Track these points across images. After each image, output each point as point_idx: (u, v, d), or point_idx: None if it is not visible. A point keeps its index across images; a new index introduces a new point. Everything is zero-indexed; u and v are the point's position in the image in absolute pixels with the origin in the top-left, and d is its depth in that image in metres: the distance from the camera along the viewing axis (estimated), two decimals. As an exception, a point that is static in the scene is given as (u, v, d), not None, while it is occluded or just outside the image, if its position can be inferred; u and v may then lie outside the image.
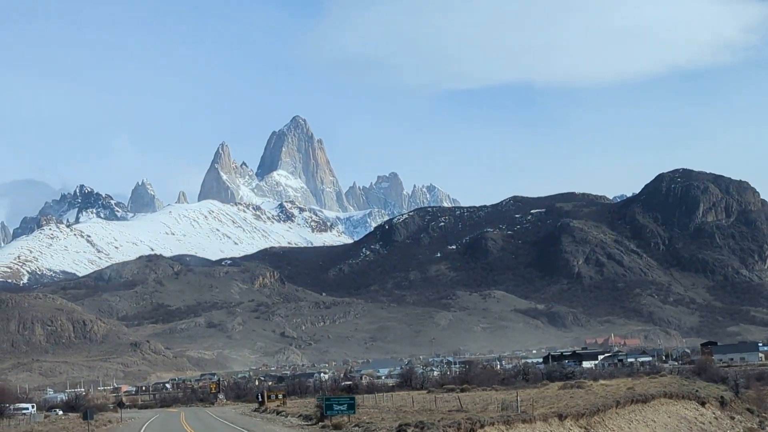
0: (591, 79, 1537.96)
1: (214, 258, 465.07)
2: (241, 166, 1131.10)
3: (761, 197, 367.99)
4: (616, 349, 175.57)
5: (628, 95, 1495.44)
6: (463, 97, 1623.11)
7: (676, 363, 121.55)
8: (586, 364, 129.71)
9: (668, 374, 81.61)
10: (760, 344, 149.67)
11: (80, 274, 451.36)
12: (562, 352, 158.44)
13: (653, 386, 57.72)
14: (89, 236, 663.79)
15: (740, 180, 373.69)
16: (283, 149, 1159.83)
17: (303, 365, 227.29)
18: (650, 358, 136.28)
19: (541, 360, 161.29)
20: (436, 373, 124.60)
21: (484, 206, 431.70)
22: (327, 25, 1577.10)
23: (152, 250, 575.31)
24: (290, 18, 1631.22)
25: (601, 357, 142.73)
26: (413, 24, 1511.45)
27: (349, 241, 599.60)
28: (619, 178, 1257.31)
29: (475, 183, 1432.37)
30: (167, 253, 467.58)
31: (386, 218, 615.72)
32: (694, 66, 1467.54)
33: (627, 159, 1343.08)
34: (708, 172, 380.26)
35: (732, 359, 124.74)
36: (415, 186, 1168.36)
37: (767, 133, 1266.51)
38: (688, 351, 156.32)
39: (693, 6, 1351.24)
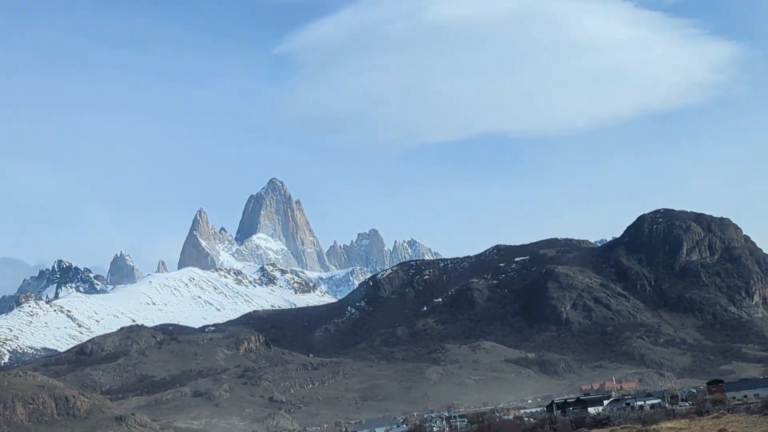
0: (565, 126, 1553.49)
1: (197, 326, 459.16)
2: (219, 231, 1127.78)
3: (744, 233, 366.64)
4: (615, 393, 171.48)
5: (603, 140, 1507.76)
6: (437, 150, 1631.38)
7: (687, 404, 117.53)
8: (591, 410, 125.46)
9: (726, 413, 77.97)
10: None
11: (62, 350, 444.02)
12: (566, 399, 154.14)
13: (745, 427, 53.72)
14: (69, 311, 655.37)
15: (722, 217, 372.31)
16: (262, 212, 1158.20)
17: (294, 429, 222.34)
18: (658, 401, 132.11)
19: (538, 409, 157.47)
20: (436, 430, 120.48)
21: (468, 257, 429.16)
22: (298, 86, 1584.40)
23: (134, 321, 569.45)
24: (261, 81, 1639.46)
25: (606, 402, 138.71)
26: (384, 81, 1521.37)
27: (333, 300, 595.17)
28: (601, 222, 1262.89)
29: (456, 235, 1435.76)
30: (149, 324, 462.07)
31: (369, 275, 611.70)
32: (666, 107, 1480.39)
33: (607, 202, 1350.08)
34: (689, 210, 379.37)
35: (746, 396, 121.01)
36: (396, 241, 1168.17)
37: (743, 170, 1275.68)
38: (694, 391, 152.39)
39: (662, 48, 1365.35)
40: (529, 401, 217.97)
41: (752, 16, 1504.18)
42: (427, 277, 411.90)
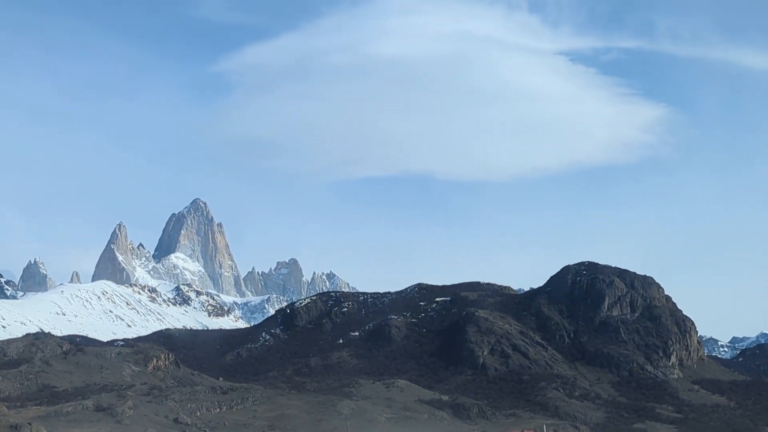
0: (493, 172, 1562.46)
1: (106, 340, 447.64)
2: (137, 247, 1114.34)
3: (665, 293, 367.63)
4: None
5: (530, 190, 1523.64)
6: (364, 185, 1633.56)
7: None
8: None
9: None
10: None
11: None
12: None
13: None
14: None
15: (645, 275, 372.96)
16: (182, 232, 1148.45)
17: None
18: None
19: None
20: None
21: (389, 293, 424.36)
22: (230, 108, 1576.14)
23: (41, 330, 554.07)
24: (193, 100, 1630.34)
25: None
26: (317, 110, 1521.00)
27: (247, 326, 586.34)
28: (524, 270, 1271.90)
29: (376, 270, 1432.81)
30: (57, 334, 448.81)
31: (285, 304, 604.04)
32: (593, 162, 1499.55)
33: (531, 251, 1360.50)
34: (613, 266, 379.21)
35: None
36: (314, 273, 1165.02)
37: (666, 231, 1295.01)
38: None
39: (593, 104, 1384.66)
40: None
41: (682, 80, 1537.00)
42: (345, 309, 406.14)
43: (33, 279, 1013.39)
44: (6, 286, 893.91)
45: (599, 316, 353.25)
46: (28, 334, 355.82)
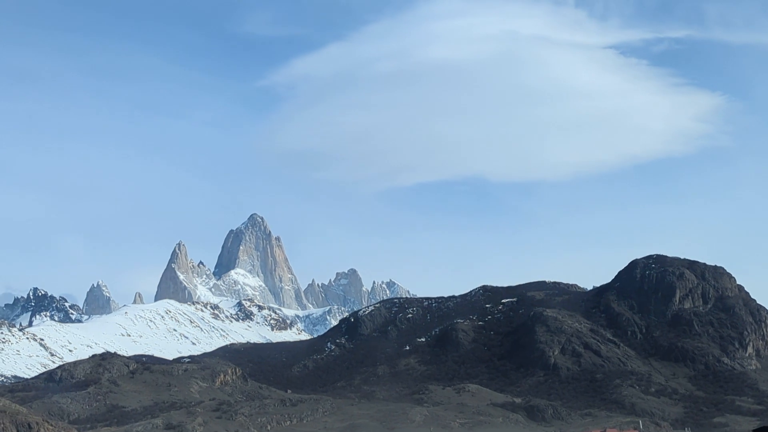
0: (548, 172, 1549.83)
1: (171, 358, 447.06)
2: (198, 265, 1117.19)
3: (737, 282, 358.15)
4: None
5: (587, 187, 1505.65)
6: (417, 190, 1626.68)
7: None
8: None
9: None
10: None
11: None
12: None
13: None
14: (42, 339, 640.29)
15: (715, 265, 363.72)
16: (241, 248, 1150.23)
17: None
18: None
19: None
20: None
21: (453, 296, 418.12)
22: (280, 121, 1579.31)
23: (107, 351, 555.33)
24: (243, 115, 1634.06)
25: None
26: (367, 119, 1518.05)
27: (310, 338, 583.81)
28: (590, 267, 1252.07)
29: (436, 276, 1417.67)
30: (123, 355, 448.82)
31: (346, 315, 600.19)
32: (650, 156, 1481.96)
33: (595, 248, 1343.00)
34: (682, 257, 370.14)
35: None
36: (374, 282, 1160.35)
37: (732, 220, 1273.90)
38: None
39: (645, 97, 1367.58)
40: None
41: (736, 67, 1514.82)
42: (410, 315, 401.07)
43: (96, 302, 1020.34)
44: (71, 310, 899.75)
45: (671, 309, 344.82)
46: (94, 355, 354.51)
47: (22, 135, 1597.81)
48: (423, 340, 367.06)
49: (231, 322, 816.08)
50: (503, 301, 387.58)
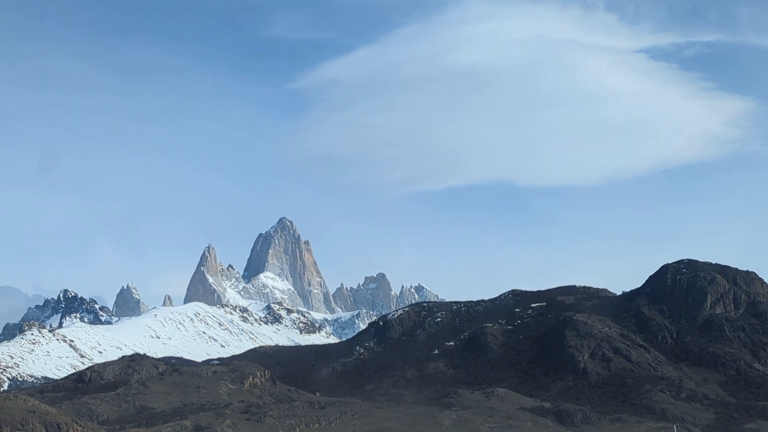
0: (575, 176, 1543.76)
1: (200, 360, 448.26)
2: (227, 268, 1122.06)
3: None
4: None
5: (616, 191, 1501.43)
6: (442, 195, 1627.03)
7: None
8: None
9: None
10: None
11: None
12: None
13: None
14: (72, 341, 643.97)
15: (747, 270, 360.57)
16: (270, 251, 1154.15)
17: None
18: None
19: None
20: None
21: (482, 300, 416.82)
22: (309, 124, 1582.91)
23: (137, 353, 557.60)
24: (271, 118, 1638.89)
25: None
26: (395, 122, 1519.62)
27: (339, 341, 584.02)
28: (619, 271, 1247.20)
29: (464, 281, 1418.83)
30: (153, 356, 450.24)
31: (374, 319, 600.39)
32: (681, 160, 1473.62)
33: (624, 252, 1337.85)
34: (714, 262, 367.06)
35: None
36: (403, 286, 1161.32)
37: (765, 224, 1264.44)
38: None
39: (675, 101, 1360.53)
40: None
41: (766, 72, 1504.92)
42: (439, 319, 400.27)
43: (126, 304, 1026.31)
44: (101, 312, 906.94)
45: (702, 314, 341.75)
46: (124, 356, 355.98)
47: (53, 138, 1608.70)
48: (452, 343, 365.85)
49: (260, 325, 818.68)
50: (533, 305, 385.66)
